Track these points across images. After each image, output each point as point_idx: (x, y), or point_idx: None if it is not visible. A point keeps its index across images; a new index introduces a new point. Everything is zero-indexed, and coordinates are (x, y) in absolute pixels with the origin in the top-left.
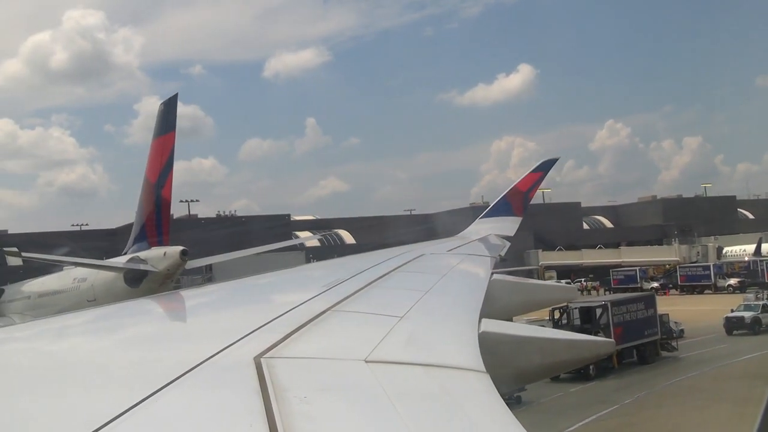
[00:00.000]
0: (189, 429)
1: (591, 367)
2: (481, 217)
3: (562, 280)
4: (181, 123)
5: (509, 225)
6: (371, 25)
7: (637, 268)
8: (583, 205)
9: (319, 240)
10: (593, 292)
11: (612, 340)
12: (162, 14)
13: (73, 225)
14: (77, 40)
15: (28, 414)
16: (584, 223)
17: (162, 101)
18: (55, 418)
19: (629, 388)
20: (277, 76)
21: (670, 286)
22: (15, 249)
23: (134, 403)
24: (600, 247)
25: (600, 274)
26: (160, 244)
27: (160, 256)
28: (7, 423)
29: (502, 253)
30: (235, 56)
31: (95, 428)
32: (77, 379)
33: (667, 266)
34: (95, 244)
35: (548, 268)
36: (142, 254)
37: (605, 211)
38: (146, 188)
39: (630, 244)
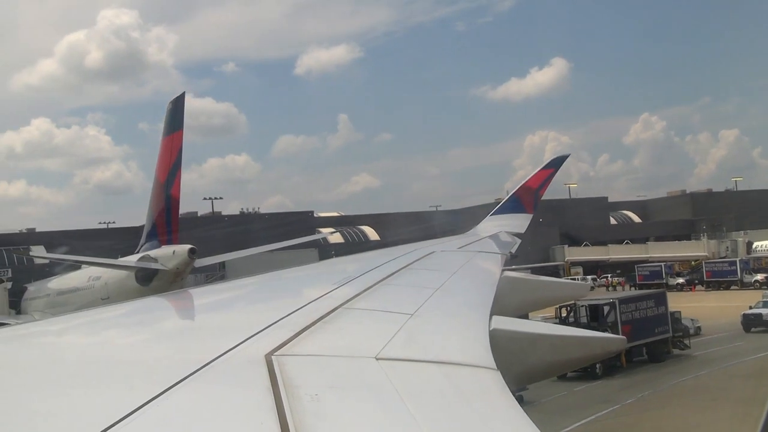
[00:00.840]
0: (201, 426)
1: (598, 365)
2: (491, 214)
3: (588, 276)
4: (214, 120)
5: (520, 222)
6: (403, 20)
7: (663, 264)
8: (615, 200)
9: (342, 236)
10: (618, 288)
11: (623, 337)
12: (195, 13)
13: (100, 223)
14: (112, 39)
15: (44, 411)
16: (612, 218)
17: (170, 100)
18: (71, 414)
19: (634, 387)
20: (309, 72)
21: (696, 282)
22: (29, 247)
23: (147, 400)
24: (627, 243)
25: (627, 269)
26: (169, 242)
27: (169, 254)
28: (23, 420)
29: (513, 250)
30: (268, 53)
31: (109, 425)
32: (90, 377)
33: (693, 262)
34: (118, 242)
35: (574, 263)
36: (153, 253)
37: (633, 206)
38: (156, 187)
39: (658, 239)
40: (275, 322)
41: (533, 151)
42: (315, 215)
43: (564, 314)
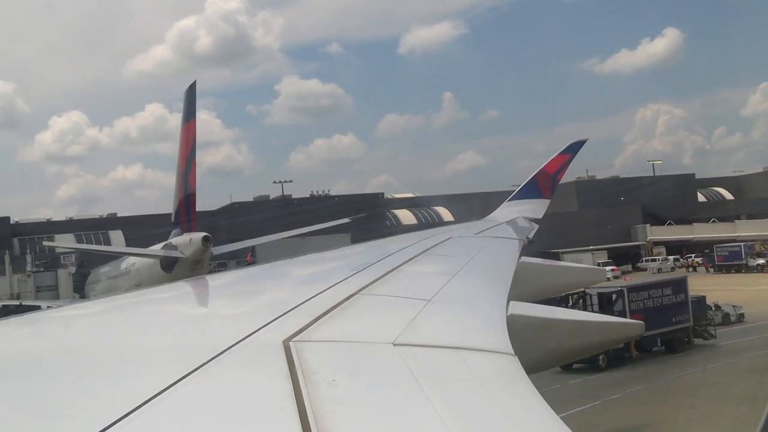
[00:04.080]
0: (219, 412)
1: (601, 357)
2: (509, 200)
3: (670, 257)
4: (320, 101)
5: (538, 207)
6: None
7: (742, 244)
8: (735, 173)
9: (416, 217)
10: (699, 270)
11: (641, 322)
12: None
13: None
14: (220, 24)
15: (66, 396)
16: (701, 195)
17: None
18: (91, 400)
19: (632, 381)
20: (412, 51)
21: None
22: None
23: (166, 386)
24: (713, 221)
25: (713, 250)
26: (189, 230)
27: (186, 242)
28: (47, 405)
29: (531, 236)
30: (371, 33)
31: (130, 409)
32: (111, 363)
33: None
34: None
35: (657, 243)
36: (174, 241)
37: (726, 182)
38: (177, 176)
39: (750, 217)
40: (293, 308)
41: (645, 126)
42: (386, 197)
43: (572, 303)
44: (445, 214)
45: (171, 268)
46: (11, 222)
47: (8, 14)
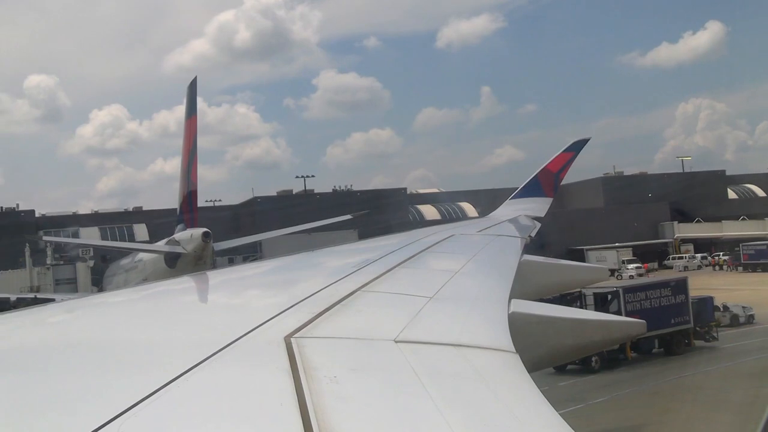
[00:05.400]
0: (221, 407)
1: (594, 358)
2: (511, 198)
3: (697, 255)
4: (357, 95)
5: (540, 206)
6: None
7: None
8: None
9: (439, 213)
10: (724, 268)
11: (643, 321)
12: None
13: (207, 201)
14: (258, 18)
15: (68, 390)
16: (732, 192)
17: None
18: (93, 395)
19: (620, 384)
20: (450, 45)
21: None
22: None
23: (168, 380)
24: (743, 219)
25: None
26: (192, 225)
27: (188, 237)
28: (51, 399)
29: (533, 234)
30: (409, 27)
31: (134, 403)
32: (113, 357)
33: None
34: (217, 218)
35: (684, 241)
36: (177, 236)
37: (759, 179)
38: (181, 171)
39: None
40: (295, 304)
41: (686, 120)
42: (411, 192)
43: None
44: (470, 209)
45: (174, 264)
46: (36, 215)
47: (51, 10)
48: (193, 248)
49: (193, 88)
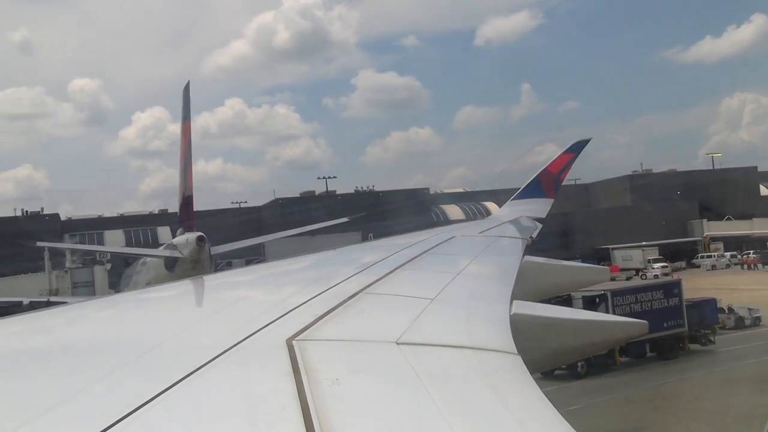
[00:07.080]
0: (222, 410)
1: (579, 364)
2: (512, 199)
3: (726, 253)
4: (396, 94)
5: (541, 207)
6: None
7: None
8: None
9: (464, 212)
10: (743, 267)
11: (645, 321)
12: None
13: (232, 203)
14: (297, 19)
15: (68, 393)
16: (765, 189)
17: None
18: (96, 399)
19: (601, 390)
20: (489, 42)
21: None
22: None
23: (170, 384)
24: None
25: None
26: (189, 229)
27: (184, 242)
28: (52, 401)
29: (534, 235)
30: (447, 25)
31: (136, 407)
32: (116, 361)
33: None
34: (240, 221)
35: (714, 239)
36: (175, 240)
37: None
38: (180, 173)
39: None
40: (297, 307)
41: (731, 116)
42: (432, 192)
43: None
44: (494, 209)
45: (173, 268)
46: (62, 219)
47: (93, 13)
48: (188, 252)
49: (186, 93)
